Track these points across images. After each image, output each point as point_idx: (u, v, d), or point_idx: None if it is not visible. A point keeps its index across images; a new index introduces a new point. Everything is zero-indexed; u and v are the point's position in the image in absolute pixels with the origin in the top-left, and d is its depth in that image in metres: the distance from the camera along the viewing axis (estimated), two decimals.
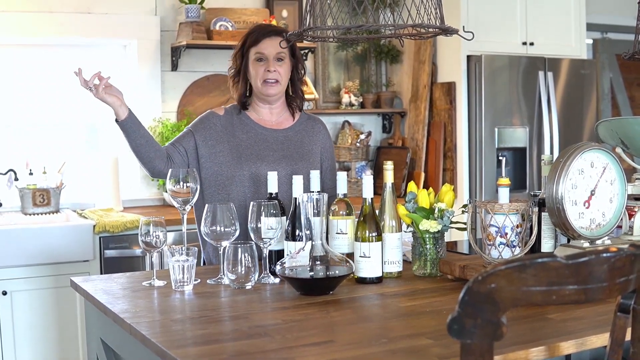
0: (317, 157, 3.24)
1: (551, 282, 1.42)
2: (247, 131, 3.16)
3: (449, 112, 5.60)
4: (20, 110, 5.09)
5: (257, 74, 3.12)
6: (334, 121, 5.93)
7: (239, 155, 3.10)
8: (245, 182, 3.08)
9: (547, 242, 2.60)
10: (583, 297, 1.47)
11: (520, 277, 1.41)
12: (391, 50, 5.98)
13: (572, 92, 5.82)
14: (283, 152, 3.15)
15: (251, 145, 3.13)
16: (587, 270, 1.45)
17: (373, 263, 2.56)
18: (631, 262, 1.53)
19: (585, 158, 2.43)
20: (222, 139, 3.12)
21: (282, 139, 3.19)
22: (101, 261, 4.44)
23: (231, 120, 3.17)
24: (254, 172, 3.07)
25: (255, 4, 5.60)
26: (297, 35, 2.29)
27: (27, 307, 4.29)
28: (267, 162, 3.10)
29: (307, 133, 3.26)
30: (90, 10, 5.07)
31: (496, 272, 1.40)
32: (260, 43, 3.11)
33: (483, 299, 1.41)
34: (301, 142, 3.22)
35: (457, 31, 2.31)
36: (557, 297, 1.44)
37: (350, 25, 2.08)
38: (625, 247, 1.52)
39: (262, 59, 3.12)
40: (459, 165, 5.59)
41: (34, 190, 4.76)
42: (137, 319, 2.18)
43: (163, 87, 5.32)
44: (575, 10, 5.96)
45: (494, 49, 5.54)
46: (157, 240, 2.60)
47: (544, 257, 1.42)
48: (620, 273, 1.51)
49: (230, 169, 3.09)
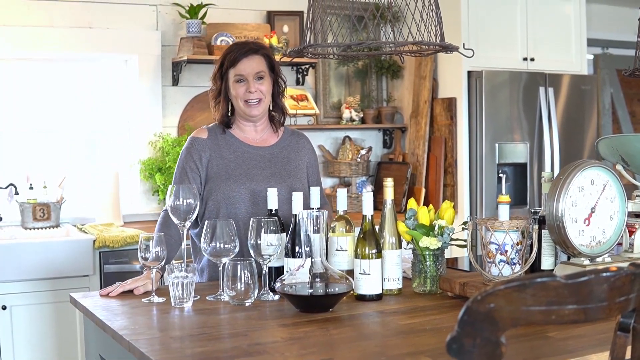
0: (303, 172, 3.21)
1: (550, 301, 1.42)
2: (234, 150, 3.12)
3: (450, 128, 5.61)
4: (21, 125, 5.10)
5: (238, 95, 3.08)
6: (334, 136, 5.94)
7: (227, 176, 3.07)
8: (234, 201, 3.04)
9: (547, 259, 2.60)
10: (583, 316, 1.46)
11: (519, 297, 1.40)
12: (392, 65, 5.99)
13: (573, 108, 5.82)
14: (271, 170, 3.12)
15: (239, 165, 3.10)
16: (586, 289, 1.44)
17: (373, 280, 2.55)
18: (631, 281, 1.52)
19: (586, 175, 2.43)
20: (210, 162, 3.10)
21: (268, 156, 3.16)
22: (101, 276, 4.43)
23: (216, 140, 3.13)
24: (244, 191, 3.05)
25: (256, 19, 5.61)
26: (297, 52, 2.29)
27: (27, 322, 4.28)
28: (255, 180, 3.06)
29: (292, 149, 3.23)
30: (92, 25, 5.09)
31: (495, 291, 1.40)
32: (238, 64, 3.06)
33: (482, 318, 1.41)
34: (287, 159, 3.19)
35: (457, 48, 2.32)
36: (556, 317, 1.44)
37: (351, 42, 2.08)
38: (625, 266, 1.52)
39: (242, 80, 3.07)
40: (460, 181, 5.58)
41: (34, 205, 4.76)
42: (135, 335, 2.17)
43: (164, 102, 5.33)
44: (575, 25, 5.97)
45: (494, 65, 5.54)
46: (156, 256, 2.60)
47: (543, 277, 1.41)
48: (620, 292, 1.50)
49: (220, 189, 3.06)
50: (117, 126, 5.34)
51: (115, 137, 5.35)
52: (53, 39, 4.97)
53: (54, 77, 5.16)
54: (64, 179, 4.94)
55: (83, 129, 5.27)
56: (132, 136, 5.29)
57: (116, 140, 5.35)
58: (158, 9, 5.30)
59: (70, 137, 5.25)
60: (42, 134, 5.16)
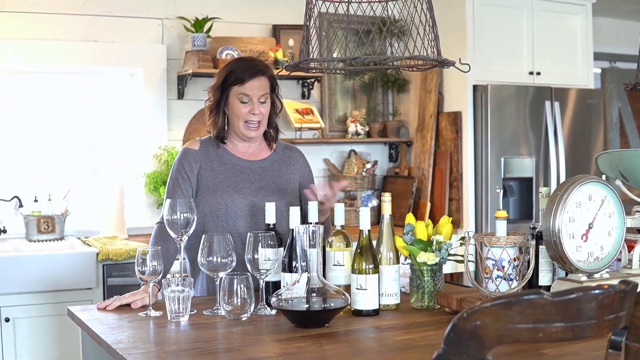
0: (295, 186, 3.18)
1: (537, 319, 1.41)
2: (224, 163, 3.10)
3: (455, 142, 5.60)
4: (25, 137, 5.11)
5: (240, 115, 3.05)
6: (340, 150, 5.93)
7: (215, 189, 3.06)
8: (220, 214, 3.03)
9: (545, 275, 2.58)
10: (571, 334, 1.45)
11: (505, 315, 1.39)
12: (398, 79, 5.99)
13: (580, 122, 5.81)
14: (260, 183, 3.10)
15: (228, 178, 3.08)
16: (574, 307, 1.43)
17: (369, 295, 2.54)
18: (620, 299, 1.51)
19: (583, 191, 2.42)
20: (200, 174, 3.09)
21: (258, 170, 3.13)
22: (104, 289, 4.43)
23: (207, 153, 3.12)
24: (230, 204, 3.03)
25: (261, 33, 5.62)
26: (293, 66, 2.30)
27: (30, 335, 4.29)
28: (243, 194, 3.05)
29: (284, 163, 3.21)
30: (97, 38, 5.11)
31: (481, 309, 1.39)
32: (246, 83, 3.02)
33: (468, 336, 1.40)
34: (278, 173, 3.17)
35: (454, 63, 2.31)
36: (543, 335, 1.43)
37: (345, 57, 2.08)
38: (616, 284, 1.51)
39: (246, 101, 3.05)
40: (465, 195, 5.57)
41: (38, 217, 4.77)
42: (130, 350, 2.16)
43: (169, 115, 5.34)
44: (582, 39, 5.96)
45: (500, 79, 5.54)
46: (153, 270, 2.59)
47: (530, 294, 1.40)
48: (609, 310, 1.49)
49: (207, 202, 3.05)
50: (122, 139, 5.35)
51: (120, 150, 5.36)
52: (58, 52, 4.99)
53: (59, 90, 5.18)
54: (68, 191, 4.95)
55: (88, 141, 5.28)
56: (137, 149, 5.30)
57: (121, 153, 5.36)
58: (164, 22, 5.32)
59: (75, 149, 5.26)
60: (47, 146, 5.17)
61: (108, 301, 2.75)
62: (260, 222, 2.93)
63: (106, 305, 2.72)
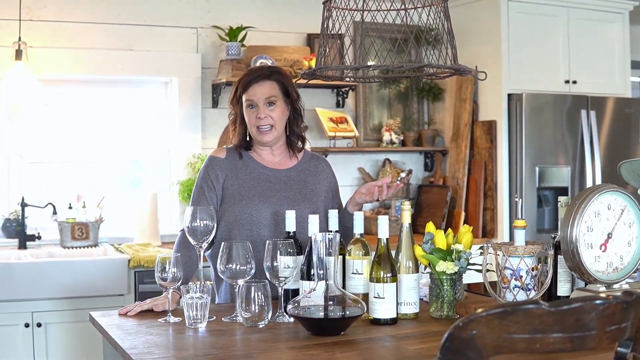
0: (320, 197, 3.17)
1: (534, 329, 1.39)
2: (250, 172, 3.11)
3: (490, 151, 5.56)
4: (61, 146, 5.18)
5: (251, 122, 3.07)
6: (374, 159, 5.93)
7: (240, 197, 3.07)
8: (245, 223, 3.03)
9: (564, 285, 2.56)
10: (569, 345, 1.43)
11: (501, 324, 1.38)
12: (433, 88, 5.97)
13: (617, 131, 5.74)
14: (285, 193, 3.10)
15: (254, 186, 3.08)
16: (572, 318, 1.41)
17: (387, 304, 2.53)
18: (623, 309, 1.48)
19: (602, 200, 2.39)
20: (226, 182, 3.11)
21: (284, 179, 3.13)
22: (135, 295, 4.47)
23: (234, 161, 3.13)
24: (255, 212, 3.03)
25: (296, 42, 5.64)
26: (310, 74, 2.30)
27: (61, 340, 4.33)
28: (268, 202, 3.05)
29: (310, 172, 3.20)
30: (132, 47, 5.17)
31: (477, 318, 1.38)
32: (249, 89, 3.05)
33: (464, 345, 1.39)
34: (304, 182, 3.17)
35: (471, 71, 2.30)
36: (541, 345, 1.41)
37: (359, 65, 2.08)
38: (618, 294, 1.49)
39: (252, 106, 3.06)
40: (499, 205, 5.53)
41: (72, 224, 4.82)
42: (144, 355, 2.18)
43: (204, 124, 5.38)
44: (619, 48, 5.90)
45: (535, 88, 5.50)
46: (173, 277, 2.61)
47: (527, 304, 1.39)
48: (610, 321, 1.47)
49: (232, 210, 3.05)
50: (157, 147, 5.40)
51: (154, 158, 5.41)
52: (94, 62, 5.05)
53: (94, 98, 5.25)
54: (102, 198, 5.00)
55: (123, 149, 5.34)
56: (172, 157, 5.35)
57: (156, 161, 5.41)
58: (198, 31, 5.36)
59: (110, 157, 5.32)
60: (82, 155, 5.23)
61: (129, 307, 2.77)
62: (284, 231, 2.94)
63: (127, 310, 2.74)
